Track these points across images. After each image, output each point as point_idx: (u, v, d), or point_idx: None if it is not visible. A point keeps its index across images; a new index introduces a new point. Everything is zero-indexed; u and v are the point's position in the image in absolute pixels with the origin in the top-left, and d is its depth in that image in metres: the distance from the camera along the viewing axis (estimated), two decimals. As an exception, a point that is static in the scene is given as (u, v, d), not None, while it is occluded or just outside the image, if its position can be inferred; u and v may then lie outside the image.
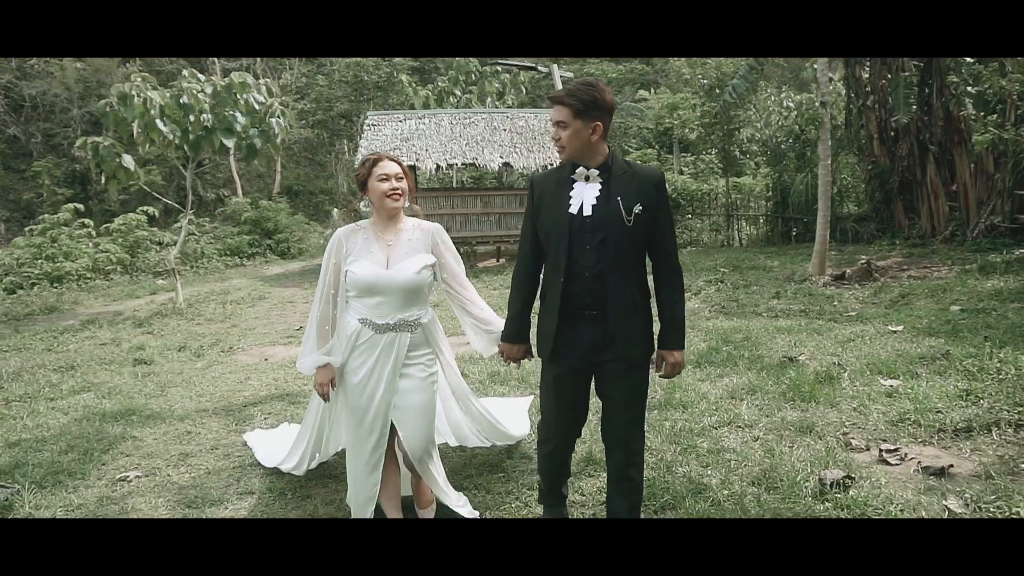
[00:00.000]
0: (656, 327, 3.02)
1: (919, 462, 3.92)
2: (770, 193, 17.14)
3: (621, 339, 2.84)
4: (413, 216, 3.46)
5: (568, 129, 2.75)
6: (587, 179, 2.83)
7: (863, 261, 10.99)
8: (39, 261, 14.54)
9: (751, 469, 3.96)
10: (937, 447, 4.15)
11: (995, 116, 12.26)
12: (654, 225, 2.84)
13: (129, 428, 5.33)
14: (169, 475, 4.42)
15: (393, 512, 3.48)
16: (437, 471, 3.45)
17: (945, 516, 3.32)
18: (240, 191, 27.03)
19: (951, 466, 3.82)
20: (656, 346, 3.00)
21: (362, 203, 3.19)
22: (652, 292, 2.96)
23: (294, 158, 31.31)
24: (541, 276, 3.03)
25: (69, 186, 28.77)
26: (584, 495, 3.81)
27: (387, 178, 3.22)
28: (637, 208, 2.77)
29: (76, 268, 14.64)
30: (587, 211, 2.80)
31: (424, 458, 3.35)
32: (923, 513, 3.34)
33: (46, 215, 16.18)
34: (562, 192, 2.86)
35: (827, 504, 3.47)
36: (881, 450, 4.12)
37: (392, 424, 3.32)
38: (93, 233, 16.15)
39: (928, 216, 13.85)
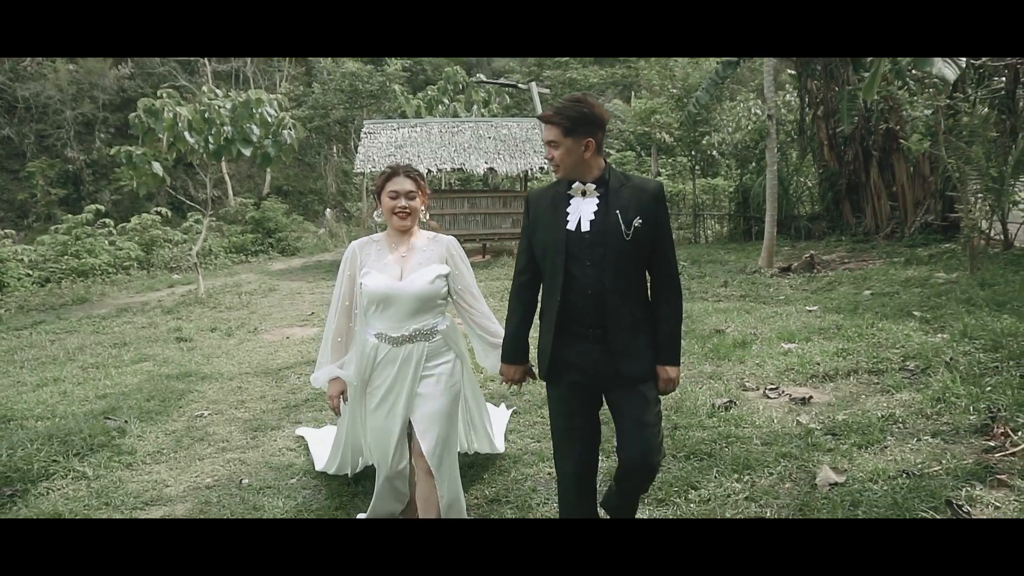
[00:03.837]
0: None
1: (790, 395, 5.38)
2: (733, 193, 18.68)
3: (623, 357, 2.78)
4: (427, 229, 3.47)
5: (560, 148, 2.72)
6: (584, 194, 2.78)
7: (807, 255, 12.50)
8: (65, 257, 15.94)
9: (667, 402, 5.39)
10: (808, 387, 5.61)
11: (927, 125, 13.81)
12: (654, 238, 2.78)
13: (191, 385, 6.73)
14: (233, 413, 5.83)
15: None
16: (448, 483, 3.32)
17: (795, 426, 4.76)
18: (231, 191, 28.35)
19: (811, 397, 5.28)
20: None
21: (375, 213, 3.52)
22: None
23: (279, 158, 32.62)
24: (540, 294, 2.98)
25: (62, 186, 29.85)
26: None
27: (397, 196, 3.20)
28: (636, 221, 2.72)
29: (98, 264, 16.08)
30: (585, 227, 2.75)
31: (441, 461, 3.27)
32: (773, 416, 4.81)
33: (70, 215, 17.57)
34: (559, 208, 2.81)
35: (714, 419, 4.92)
36: (766, 389, 5.59)
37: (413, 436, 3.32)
38: (113, 231, 17.57)
39: (872, 215, 15.37)
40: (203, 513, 4.00)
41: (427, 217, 3.39)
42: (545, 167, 16.32)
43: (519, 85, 14.74)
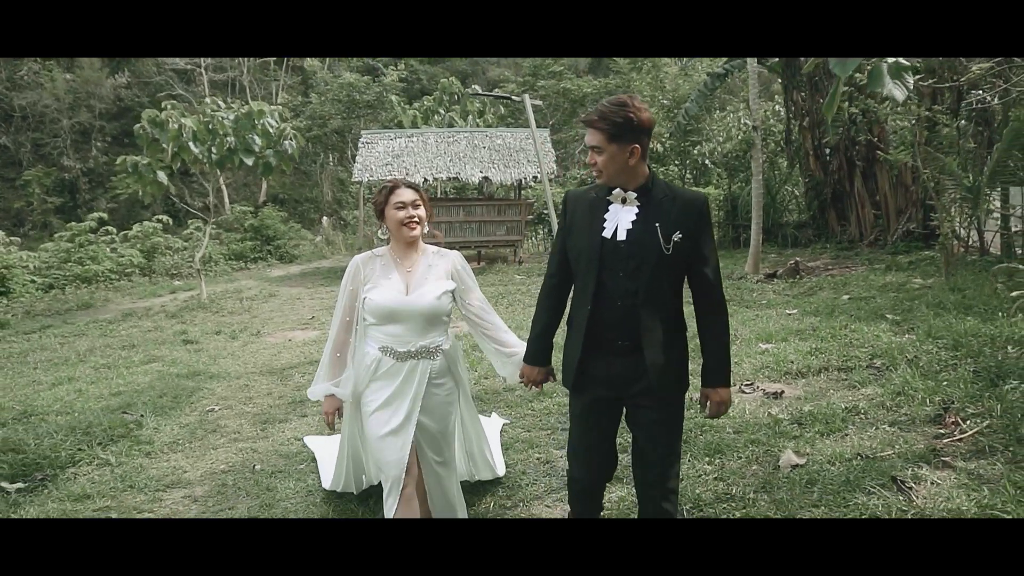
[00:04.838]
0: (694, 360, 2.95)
1: (764, 390, 5.77)
2: (723, 202, 19.14)
3: (655, 372, 2.69)
4: (433, 242, 3.44)
5: (604, 154, 2.61)
6: (624, 201, 2.68)
7: (792, 262, 12.91)
8: (68, 264, 16.35)
9: (649, 396, 5.78)
10: (782, 383, 5.99)
11: (908, 136, 14.27)
12: (694, 253, 2.68)
13: (200, 383, 7.09)
14: (243, 408, 6.20)
15: None
16: (449, 501, 3.42)
17: (765, 417, 5.14)
18: (227, 199, 28.72)
19: (783, 392, 5.68)
20: (701, 383, 2.93)
21: (380, 231, 3.41)
22: (691, 323, 2.89)
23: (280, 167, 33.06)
24: (569, 298, 2.91)
25: (58, 195, 30.19)
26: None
27: (404, 206, 3.19)
28: (676, 236, 2.61)
29: (101, 270, 16.48)
30: (621, 235, 2.65)
31: (434, 479, 3.36)
32: (746, 409, 5.20)
33: (73, 223, 17.98)
34: (596, 213, 2.71)
35: (691, 411, 5.27)
36: (742, 385, 5.98)
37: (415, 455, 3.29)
38: (115, 239, 18.00)
39: (856, 223, 15.81)
40: (220, 494, 4.37)
41: (428, 228, 3.35)
42: (538, 175, 16.74)
43: (513, 98, 15.14)
